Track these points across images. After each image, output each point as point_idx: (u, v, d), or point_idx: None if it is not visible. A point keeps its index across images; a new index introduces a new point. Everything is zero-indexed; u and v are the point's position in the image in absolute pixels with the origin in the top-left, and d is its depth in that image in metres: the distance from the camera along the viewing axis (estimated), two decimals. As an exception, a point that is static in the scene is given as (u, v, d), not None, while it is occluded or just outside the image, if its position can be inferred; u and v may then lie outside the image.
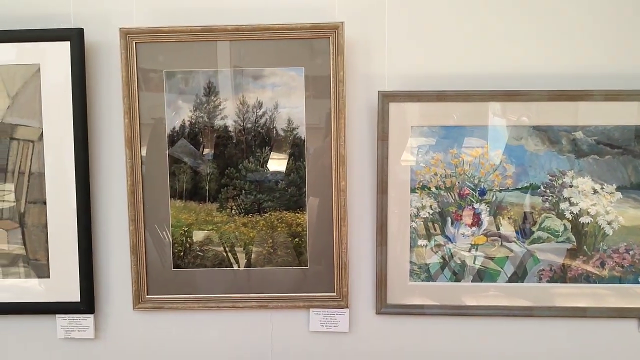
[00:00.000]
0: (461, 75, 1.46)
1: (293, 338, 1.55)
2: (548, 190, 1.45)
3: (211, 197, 1.52)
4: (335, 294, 1.50)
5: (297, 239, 1.51)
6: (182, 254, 1.54)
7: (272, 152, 1.50)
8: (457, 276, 1.49)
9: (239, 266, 1.54)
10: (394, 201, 1.46)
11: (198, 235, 1.52)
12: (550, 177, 1.44)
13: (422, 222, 1.47)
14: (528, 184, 1.44)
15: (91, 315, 1.53)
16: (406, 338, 1.54)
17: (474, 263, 1.48)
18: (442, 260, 1.48)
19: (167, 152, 1.50)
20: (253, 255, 1.53)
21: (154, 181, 1.50)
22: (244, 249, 1.53)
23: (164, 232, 1.53)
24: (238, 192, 1.51)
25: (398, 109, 1.43)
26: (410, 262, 1.48)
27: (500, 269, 1.47)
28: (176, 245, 1.53)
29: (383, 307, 1.49)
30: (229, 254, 1.54)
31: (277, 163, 1.49)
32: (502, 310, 1.48)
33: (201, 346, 1.57)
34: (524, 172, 1.44)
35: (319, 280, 1.50)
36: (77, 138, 1.48)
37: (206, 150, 1.50)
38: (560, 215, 1.46)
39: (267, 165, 1.50)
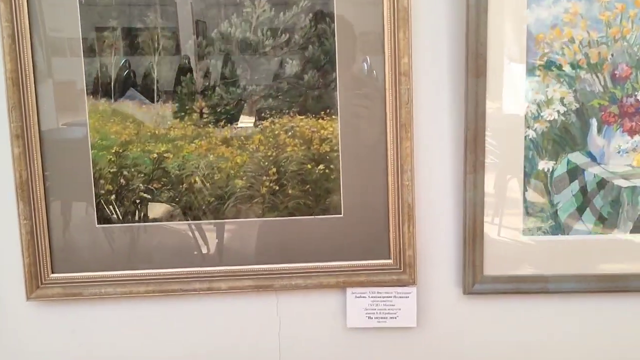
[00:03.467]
0: None
1: (317, 340, 1.02)
2: None
3: (163, 93, 0.92)
4: (392, 261, 0.98)
5: (321, 167, 0.94)
6: (112, 198, 0.93)
7: (272, 9, 0.89)
8: (606, 223, 1.00)
9: (216, 218, 0.94)
10: (495, 90, 0.94)
11: (141, 164, 0.92)
12: None
13: (545, 129, 0.96)
14: None
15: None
16: (519, 335, 1.02)
17: (637, 200, 0.99)
18: (581, 196, 1.00)
19: (78, 7, 0.88)
20: (242, 198, 0.94)
21: (57, 61, 0.91)
22: (226, 187, 0.93)
23: (78, 157, 0.92)
24: (212, 82, 0.91)
25: None
26: (525, 201, 0.99)
27: (685, 210, 0.98)
28: (102, 182, 0.93)
29: (477, 281, 1.00)
30: (198, 197, 0.93)
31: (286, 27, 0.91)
32: (687, 282, 0.99)
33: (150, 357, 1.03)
34: None
35: (362, 238, 0.98)
36: None
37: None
38: None
39: (266, 32, 0.89)
